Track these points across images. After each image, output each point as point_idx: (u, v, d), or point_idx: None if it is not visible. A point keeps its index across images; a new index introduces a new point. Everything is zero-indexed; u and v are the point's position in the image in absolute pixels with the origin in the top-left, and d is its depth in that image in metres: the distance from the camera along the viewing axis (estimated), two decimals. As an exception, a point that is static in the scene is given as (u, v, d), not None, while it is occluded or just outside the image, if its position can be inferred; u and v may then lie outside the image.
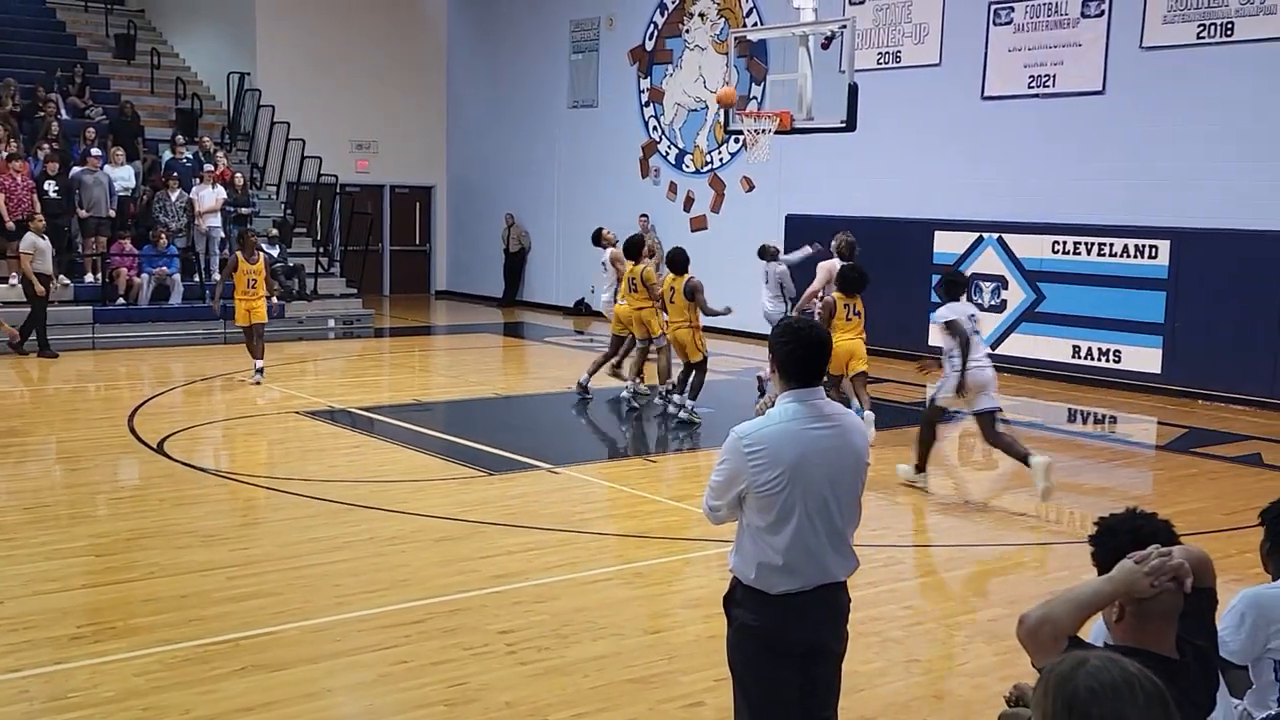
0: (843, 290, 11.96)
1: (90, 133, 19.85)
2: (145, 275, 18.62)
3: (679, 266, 12.91)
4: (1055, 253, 16.14)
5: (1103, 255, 15.61)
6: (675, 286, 12.89)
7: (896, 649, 6.52)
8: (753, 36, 17.53)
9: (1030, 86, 16.58)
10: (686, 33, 21.62)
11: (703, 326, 13.12)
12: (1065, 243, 16.04)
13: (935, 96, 17.63)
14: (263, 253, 15.56)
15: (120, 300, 18.27)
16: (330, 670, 6.09)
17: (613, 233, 15.52)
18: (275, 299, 15.74)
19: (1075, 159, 16.10)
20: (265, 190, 22.95)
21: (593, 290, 21.08)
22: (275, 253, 20.44)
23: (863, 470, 4.22)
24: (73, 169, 18.64)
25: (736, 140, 20.06)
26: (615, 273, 14.34)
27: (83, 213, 18.33)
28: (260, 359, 14.97)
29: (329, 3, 25.11)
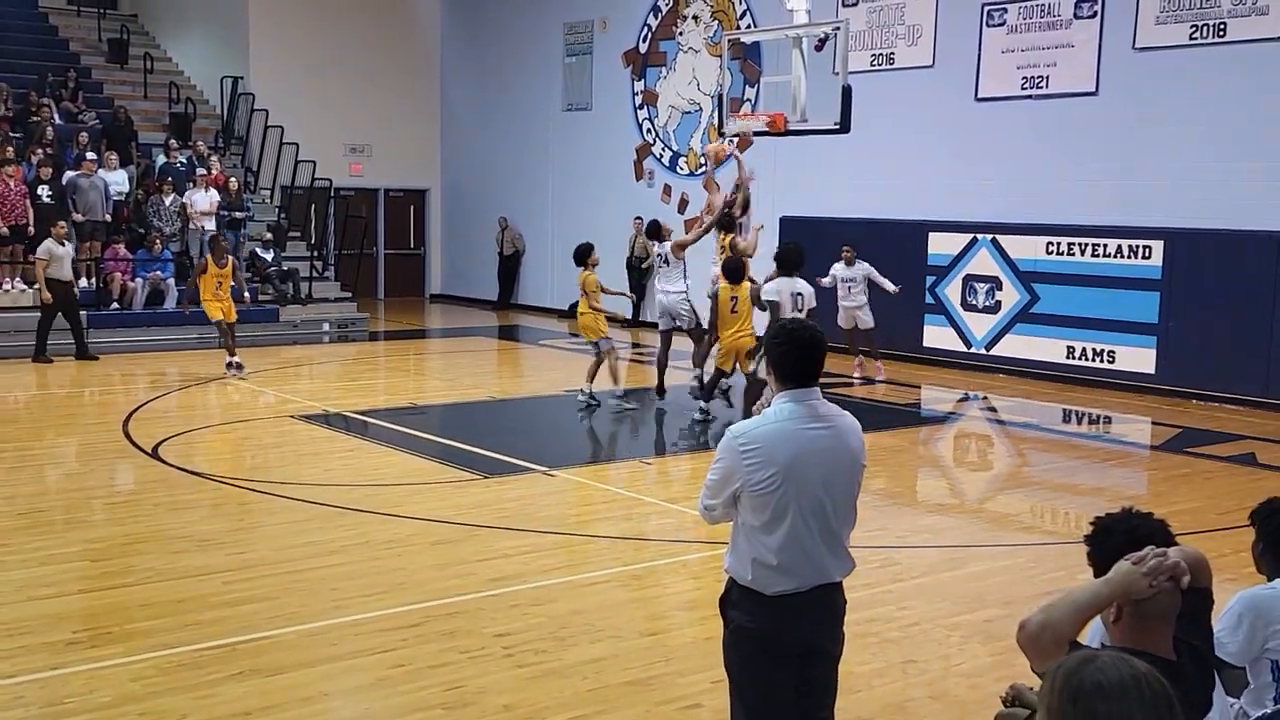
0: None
1: (83, 137, 19.84)
2: (139, 280, 18.61)
3: (736, 275, 12.43)
4: (1049, 254, 16.16)
5: (1096, 256, 15.63)
6: (738, 295, 12.38)
7: (893, 650, 6.52)
8: (746, 39, 17.49)
9: (1023, 88, 16.60)
10: (680, 35, 21.64)
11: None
12: (1059, 243, 16.06)
13: (928, 98, 17.65)
14: (231, 258, 16.06)
15: (114, 305, 18.26)
16: (327, 674, 6.08)
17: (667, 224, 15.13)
18: (245, 295, 16.54)
19: (1069, 160, 16.12)
20: (259, 194, 22.93)
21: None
22: (270, 257, 20.45)
23: (858, 471, 4.22)
24: (66, 173, 18.62)
25: (731, 142, 20.14)
26: (680, 262, 13.75)
27: (78, 217, 18.31)
28: (234, 354, 15.75)
29: (322, 6, 25.10)
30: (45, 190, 17.95)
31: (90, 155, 19.01)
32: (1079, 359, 15.89)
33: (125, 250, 18.81)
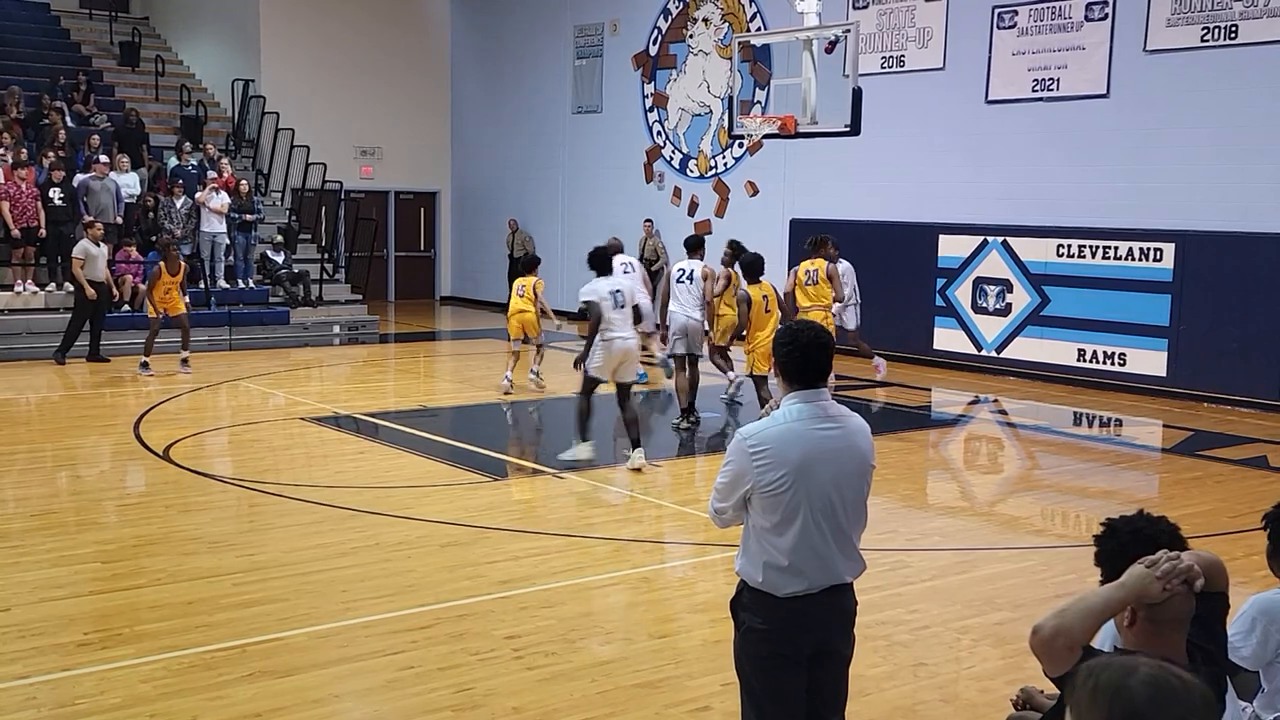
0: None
1: (95, 140, 19.89)
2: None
3: (758, 273, 12.10)
4: (1060, 256, 16.13)
5: (1107, 258, 15.60)
6: (767, 294, 12.05)
7: (903, 653, 6.51)
8: (756, 41, 17.54)
9: (1034, 90, 16.57)
10: (690, 38, 21.64)
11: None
12: (1070, 246, 16.03)
13: (939, 100, 17.63)
14: (183, 264, 16.55)
15: (125, 307, 18.29)
16: (337, 676, 6.09)
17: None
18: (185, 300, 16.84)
19: (1079, 162, 16.09)
20: (270, 197, 22.97)
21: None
22: (280, 259, 20.49)
23: (868, 472, 4.22)
24: (77, 176, 18.66)
25: (741, 144, 20.16)
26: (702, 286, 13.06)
27: (89, 219, 18.33)
28: (187, 350, 16.39)
29: (333, 10, 25.15)
30: (57, 193, 18.00)
31: (102, 158, 19.06)
32: (1090, 361, 15.86)
33: (136, 253, 18.85)
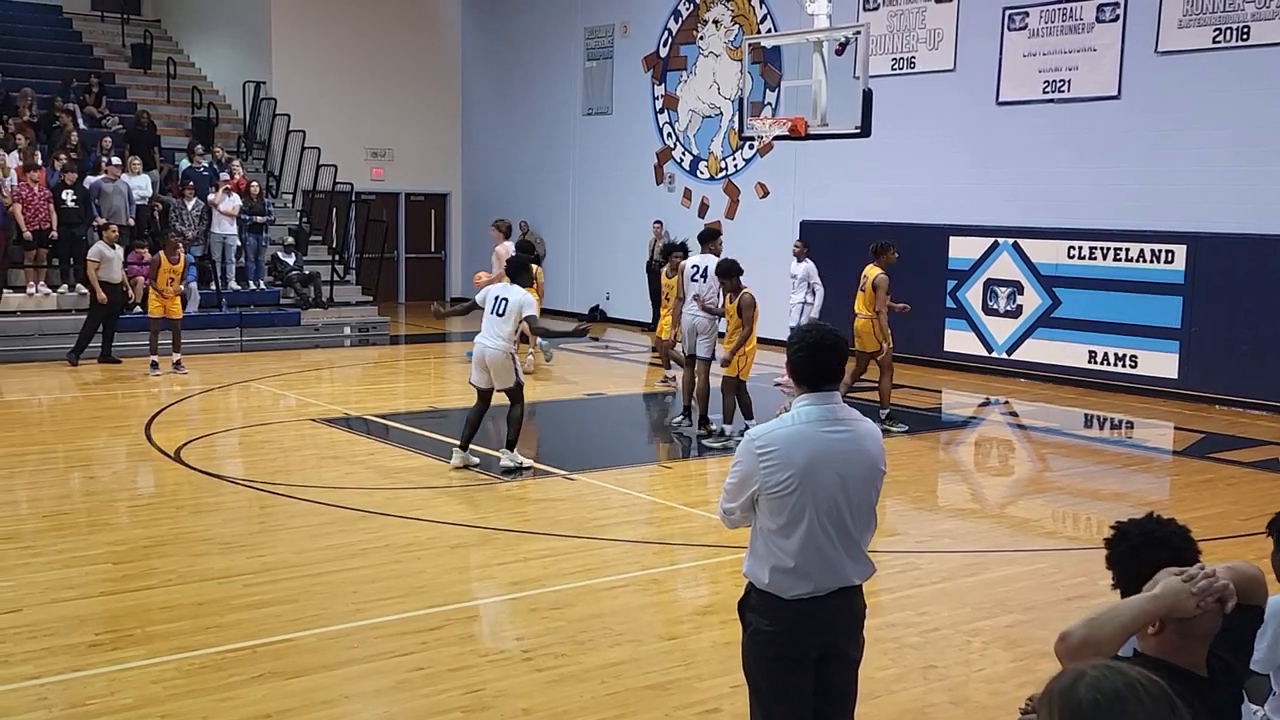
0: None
1: (107, 142, 19.94)
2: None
3: (738, 274, 12.07)
4: (1071, 258, 16.11)
5: (1119, 260, 15.57)
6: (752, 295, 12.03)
7: (913, 655, 6.50)
8: (767, 43, 17.54)
9: (1045, 92, 16.55)
10: (701, 39, 21.64)
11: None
12: (1081, 248, 16.01)
13: (950, 102, 17.61)
14: (183, 255, 16.60)
15: (138, 309, 18.32)
16: (347, 677, 6.10)
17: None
18: (186, 299, 16.90)
19: (1090, 164, 16.06)
20: (281, 198, 23.02)
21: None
22: (291, 261, 20.53)
23: (877, 476, 4.21)
24: (88, 178, 18.71)
25: (751, 146, 20.16)
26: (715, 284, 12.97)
27: (102, 221, 18.39)
28: (179, 351, 16.24)
29: (344, 11, 25.19)
30: (69, 195, 18.05)
31: (115, 160, 19.13)
32: (1101, 364, 15.82)
33: (149, 254, 18.87)
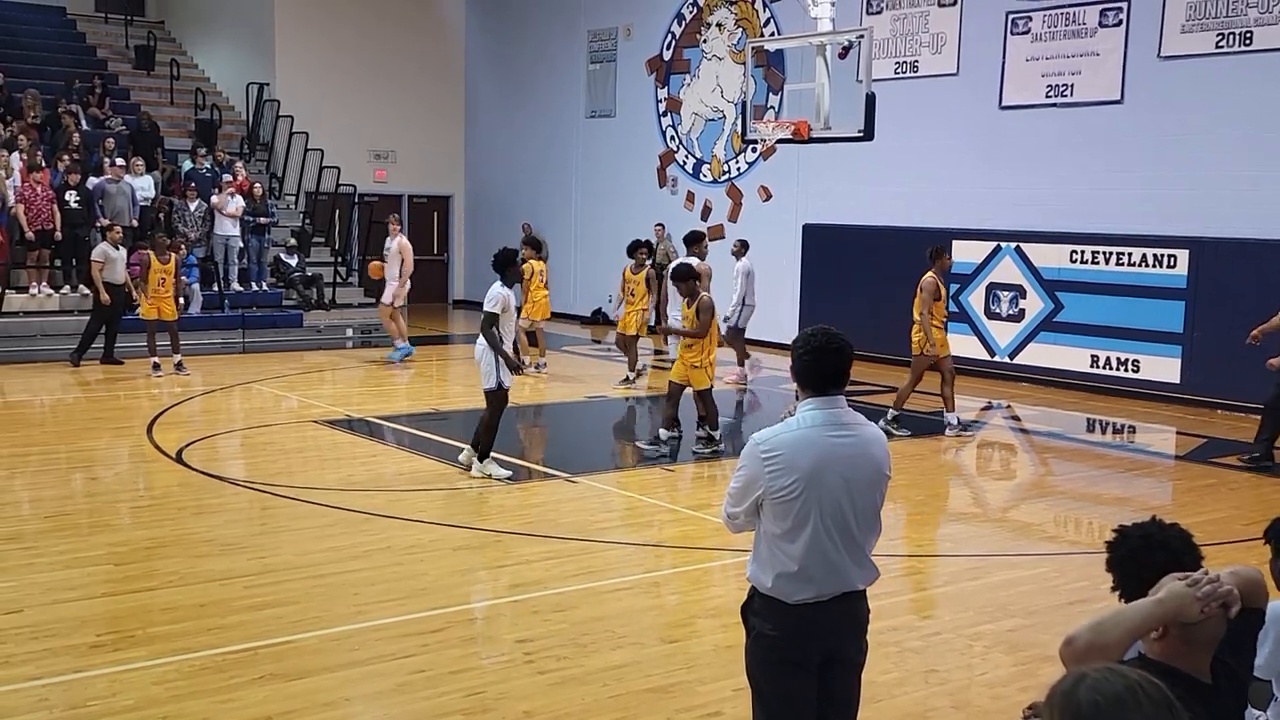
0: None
1: (109, 143, 19.96)
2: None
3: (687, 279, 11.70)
4: (1073, 262, 16.10)
5: (1121, 265, 15.56)
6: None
7: (915, 659, 6.50)
8: (770, 46, 17.55)
9: (1048, 96, 16.55)
10: (704, 43, 21.65)
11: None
12: (1083, 252, 16.00)
13: (953, 106, 17.61)
14: (174, 254, 16.53)
15: (139, 310, 18.33)
16: (348, 679, 6.09)
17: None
18: (183, 299, 16.71)
19: (1093, 168, 16.05)
20: (284, 200, 23.04)
21: (612, 300, 21.00)
22: (294, 262, 20.53)
23: (881, 481, 4.19)
24: (91, 179, 18.71)
25: (754, 150, 20.16)
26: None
27: (105, 222, 18.40)
28: (178, 353, 16.20)
29: (347, 13, 25.21)
30: (72, 195, 18.06)
31: (118, 161, 19.15)
32: (1103, 368, 15.81)
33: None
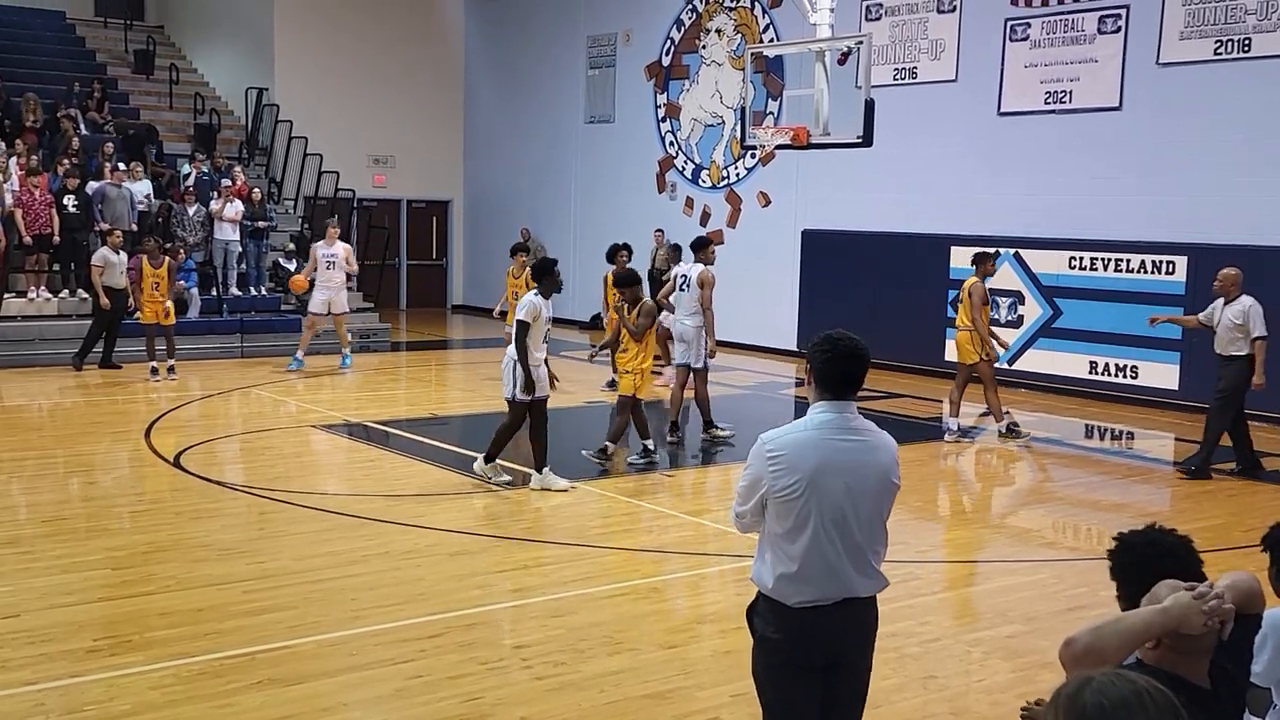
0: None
1: (108, 147, 19.96)
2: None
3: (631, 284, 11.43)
4: (1072, 268, 16.10)
5: (1120, 271, 15.56)
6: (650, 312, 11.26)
7: (914, 665, 6.49)
8: (769, 52, 17.53)
9: (1047, 102, 16.55)
10: (703, 48, 21.66)
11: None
12: (1082, 258, 16.00)
13: (952, 112, 17.62)
14: (167, 259, 16.53)
15: (137, 314, 18.32)
16: (346, 684, 6.09)
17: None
18: (171, 301, 16.63)
19: (1092, 174, 16.06)
20: (283, 204, 23.04)
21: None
22: (293, 267, 20.52)
23: (888, 488, 4.18)
24: (90, 183, 18.70)
25: (753, 155, 20.17)
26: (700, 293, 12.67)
27: (105, 226, 18.41)
28: (172, 358, 16.27)
29: (347, 18, 25.22)
30: (71, 200, 18.05)
31: (120, 165, 19.18)
32: (1101, 374, 15.81)
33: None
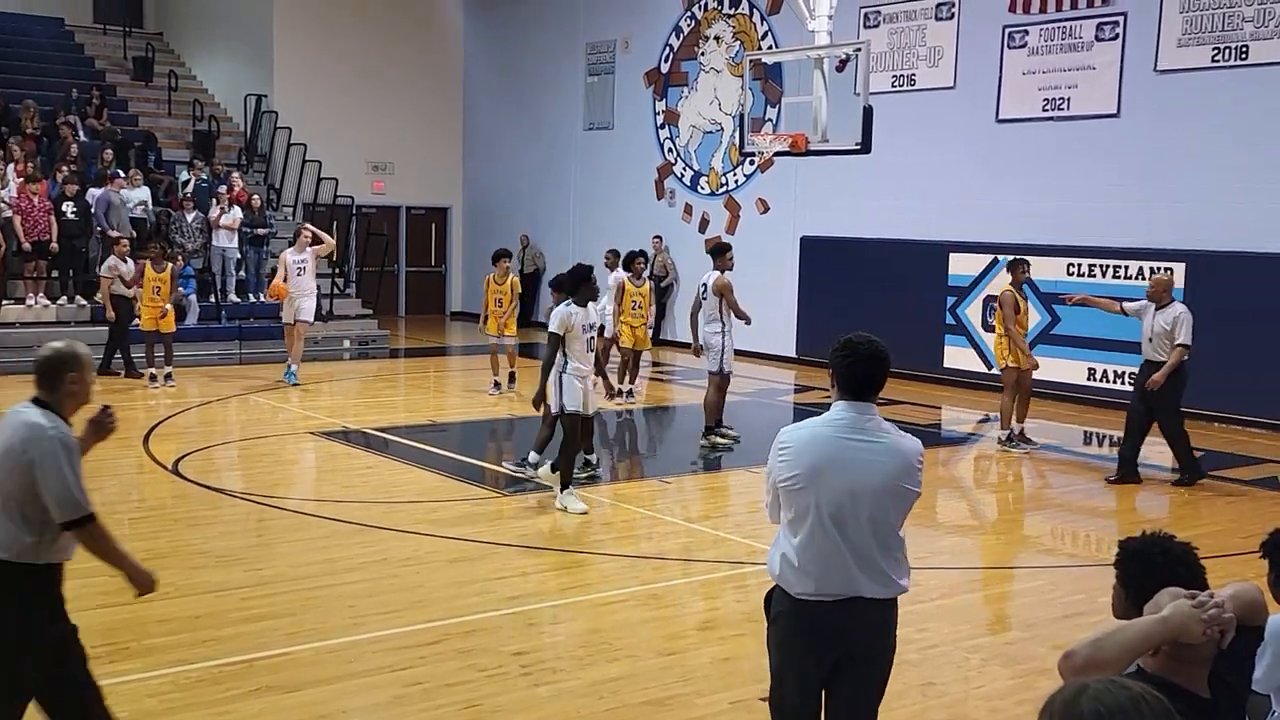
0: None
1: (108, 154, 19.98)
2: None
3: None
4: (1070, 275, 16.10)
5: (1118, 277, 15.57)
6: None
7: (913, 672, 6.48)
8: (768, 59, 17.58)
9: (1045, 109, 16.58)
10: (702, 55, 21.68)
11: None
12: (1080, 265, 16.01)
13: (950, 119, 17.64)
14: (169, 264, 16.44)
15: (136, 321, 18.32)
16: (344, 691, 6.08)
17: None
18: (168, 308, 16.51)
19: (1090, 181, 16.08)
20: (282, 211, 23.04)
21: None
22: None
23: (894, 493, 4.20)
24: (90, 190, 18.70)
25: (752, 162, 20.19)
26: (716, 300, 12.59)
27: (113, 233, 18.43)
28: (170, 364, 16.17)
29: (346, 25, 25.24)
30: (70, 207, 18.05)
31: (123, 172, 19.26)
32: (1100, 381, 15.81)
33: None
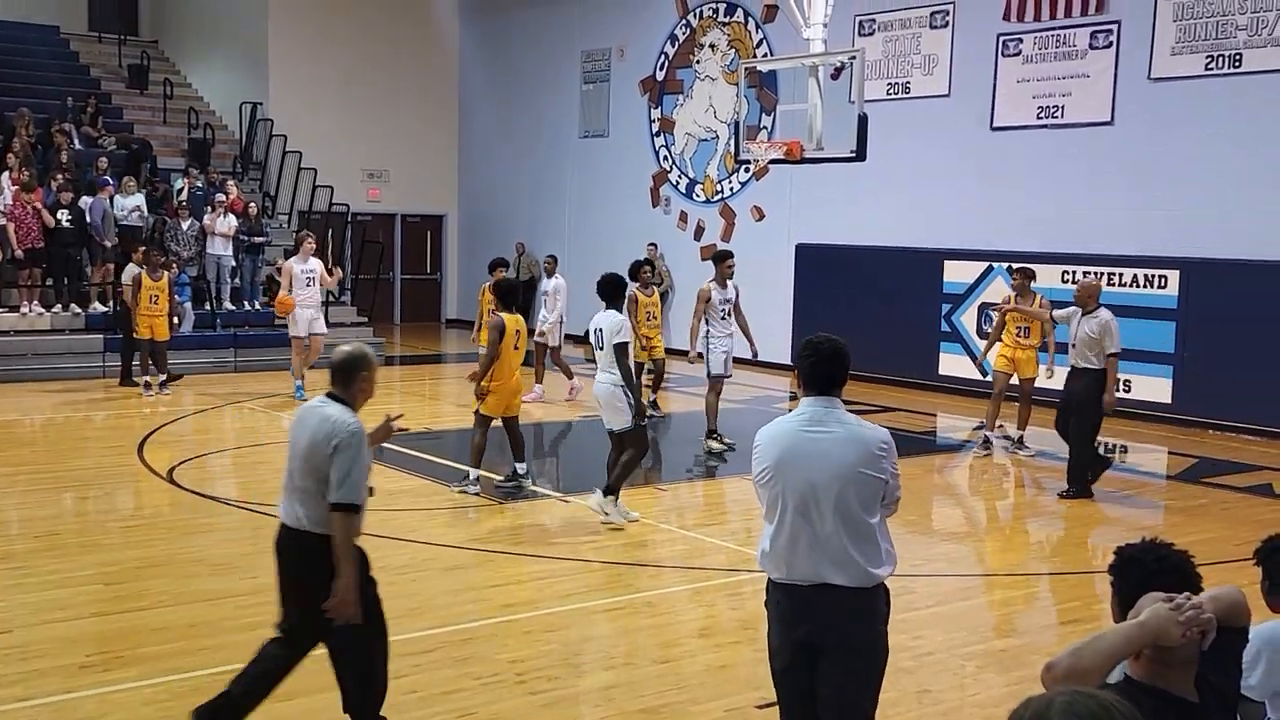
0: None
1: (103, 162, 19.96)
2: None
3: (511, 302, 10.73)
4: (1065, 283, 16.09)
5: (1112, 285, 15.57)
6: (521, 329, 10.52)
7: (907, 679, 6.48)
8: (763, 67, 17.58)
9: (1039, 117, 16.61)
10: (697, 63, 21.71)
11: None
12: (1075, 273, 16.01)
13: (944, 127, 17.67)
14: (167, 272, 16.30)
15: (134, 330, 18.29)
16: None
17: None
18: (176, 319, 16.49)
19: (1084, 189, 16.11)
20: (277, 219, 23.04)
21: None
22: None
23: (854, 479, 4.35)
24: (83, 198, 18.68)
25: (747, 170, 20.22)
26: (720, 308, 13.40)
27: (112, 240, 18.42)
28: (164, 373, 16.03)
29: (341, 33, 25.25)
30: (64, 214, 18.03)
31: (123, 179, 19.26)
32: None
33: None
